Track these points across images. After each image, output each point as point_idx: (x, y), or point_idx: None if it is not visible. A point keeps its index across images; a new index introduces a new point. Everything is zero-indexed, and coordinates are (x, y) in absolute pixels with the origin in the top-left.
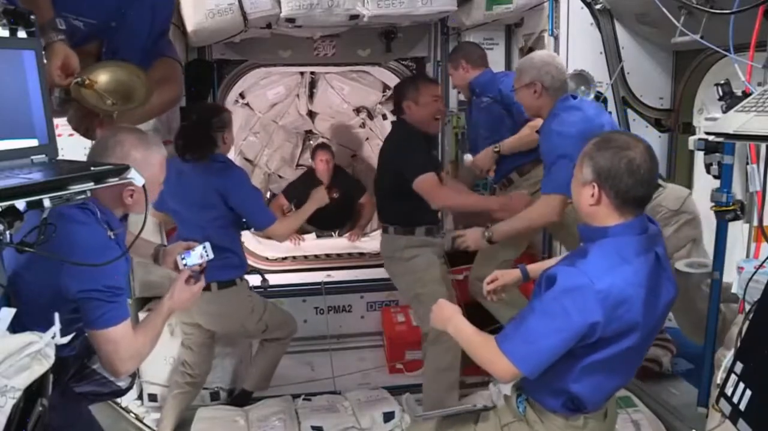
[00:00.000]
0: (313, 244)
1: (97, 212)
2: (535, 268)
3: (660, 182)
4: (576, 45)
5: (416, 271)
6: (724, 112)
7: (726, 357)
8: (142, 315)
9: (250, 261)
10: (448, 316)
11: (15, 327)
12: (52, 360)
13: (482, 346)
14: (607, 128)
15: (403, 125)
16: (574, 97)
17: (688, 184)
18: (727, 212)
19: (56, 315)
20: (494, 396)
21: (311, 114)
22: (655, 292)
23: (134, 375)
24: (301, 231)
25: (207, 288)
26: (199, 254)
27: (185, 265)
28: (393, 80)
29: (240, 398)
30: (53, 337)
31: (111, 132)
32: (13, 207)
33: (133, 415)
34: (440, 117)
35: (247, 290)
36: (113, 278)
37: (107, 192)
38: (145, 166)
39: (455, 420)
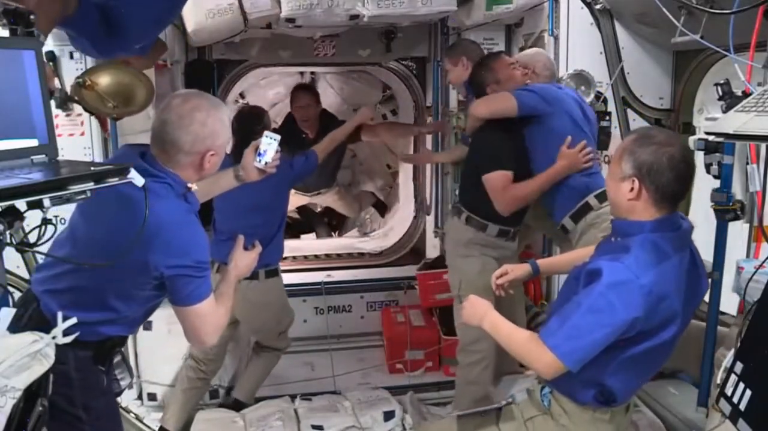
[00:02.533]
0: (313, 244)
1: (174, 185)
2: (546, 263)
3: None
4: (576, 45)
5: (466, 273)
6: (724, 112)
7: (726, 357)
8: None
9: None
10: (483, 312)
11: (96, 306)
12: (52, 359)
13: (524, 342)
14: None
15: None
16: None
17: None
18: (727, 212)
19: (60, 315)
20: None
21: None
22: (693, 288)
23: (132, 376)
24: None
25: (254, 277)
26: (273, 148)
27: (266, 164)
28: (393, 80)
29: (235, 406)
30: (54, 337)
31: (180, 98)
32: (13, 207)
33: (133, 415)
34: (527, 79)
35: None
36: (202, 252)
37: (188, 161)
38: (222, 129)
39: (477, 418)
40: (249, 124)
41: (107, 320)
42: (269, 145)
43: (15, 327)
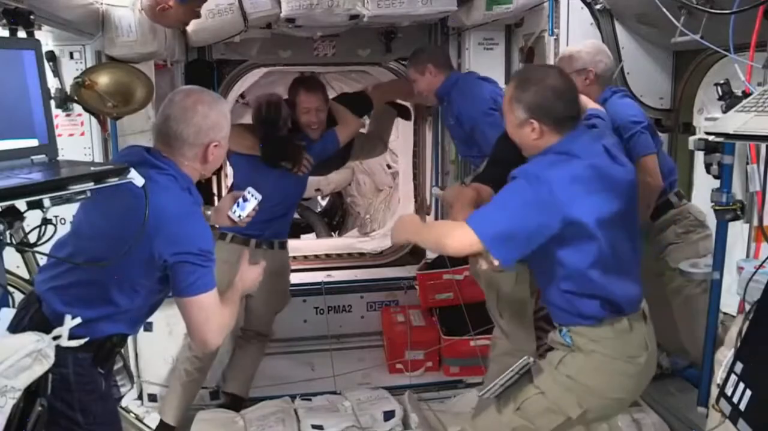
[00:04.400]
0: (313, 244)
1: (178, 177)
2: None
3: (683, 193)
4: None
5: (501, 287)
6: (724, 112)
7: (726, 357)
8: None
9: None
10: (411, 228)
11: (100, 301)
12: (52, 360)
13: (441, 224)
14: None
15: None
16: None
17: (688, 184)
18: (727, 212)
19: (67, 317)
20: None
21: None
22: (611, 180)
23: (133, 382)
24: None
25: (270, 246)
26: (251, 205)
27: (239, 217)
28: None
29: (234, 404)
30: (54, 338)
31: (182, 93)
32: (13, 207)
33: (133, 415)
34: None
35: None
36: (206, 241)
37: (192, 153)
38: (225, 122)
39: (512, 388)
40: (271, 119)
41: (109, 316)
42: (249, 201)
43: (14, 329)
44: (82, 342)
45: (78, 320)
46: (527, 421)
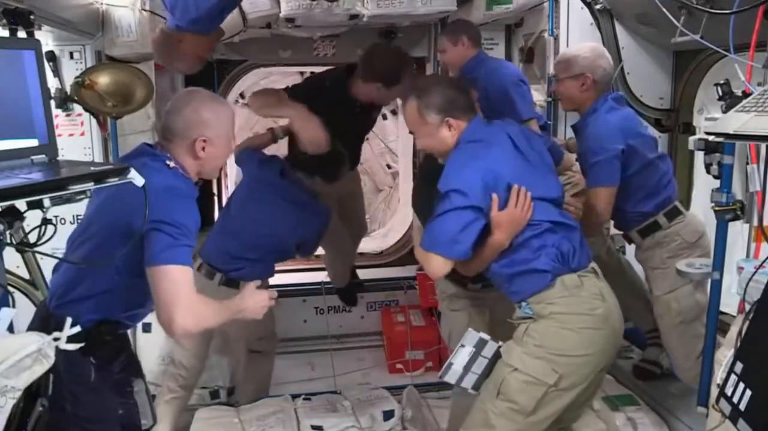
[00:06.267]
0: None
1: (171, 165)
2: None
3: (681, 208)
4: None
5: (455, 324)
6: (724, 112)
7: (726, 357)
8: None
9: None
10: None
11: (79, 280)
12: (52, 360)
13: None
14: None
15: None
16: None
17: (688, 184)
18: (727, 212)
19: (68, 320)
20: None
21: None
22: (525, 157)
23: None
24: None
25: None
26: None
27: None
28: None
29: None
30: (56, 339)
31: (185, 90)
32: (13, 207)
33: None
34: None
35: None
36: (187, 218)
37: (183, 146)
38: (217, 123)
39: (489, 376)
40: None
41: (90, 297)
42: None
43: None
44: (79, 346)
45: (77, 328)
46: (510, 402)
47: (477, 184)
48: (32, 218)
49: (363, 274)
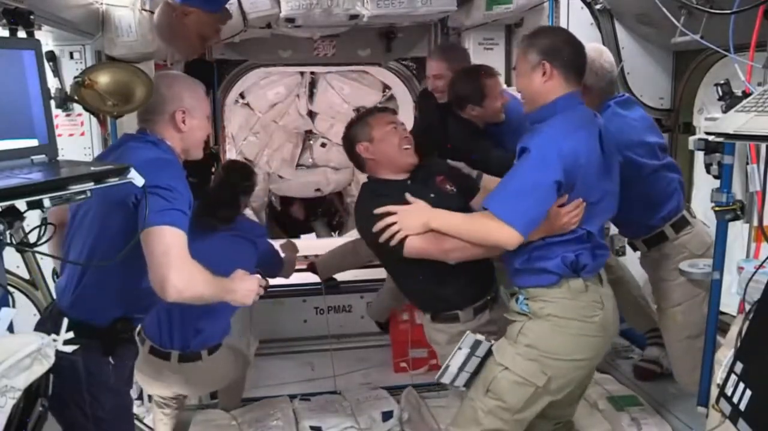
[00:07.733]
0: (313, 244)
1: (157, 143)
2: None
3: (688, 217)
4: None
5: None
6: (724, 112)
7: (726, 357)
8: None
9: None
10: (425, 215)
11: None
12: (52, 360)
13: (480, 221)
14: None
15: None
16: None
17: (689, 184)
18: (727, 212)
19: (65, 321)
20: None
21: (311, 114)
22: (607, 156)
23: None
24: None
25: (196, 358)
26: None
27: None
28: (393, 80)
29: None
30: (55, 339)
31: (159, 76)
32: (13, 207)
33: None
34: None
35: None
36: (178, 182)
37: (163, 122)
38: (191, 95)
39: (479, 373)
40: (236, 178)
41: (100, 292)
42: None
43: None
44: (75, 347)
45: (71, 334)
46: (499, 400)
47: (569, 159)
48: (32, 218)
49: (366, 274)
